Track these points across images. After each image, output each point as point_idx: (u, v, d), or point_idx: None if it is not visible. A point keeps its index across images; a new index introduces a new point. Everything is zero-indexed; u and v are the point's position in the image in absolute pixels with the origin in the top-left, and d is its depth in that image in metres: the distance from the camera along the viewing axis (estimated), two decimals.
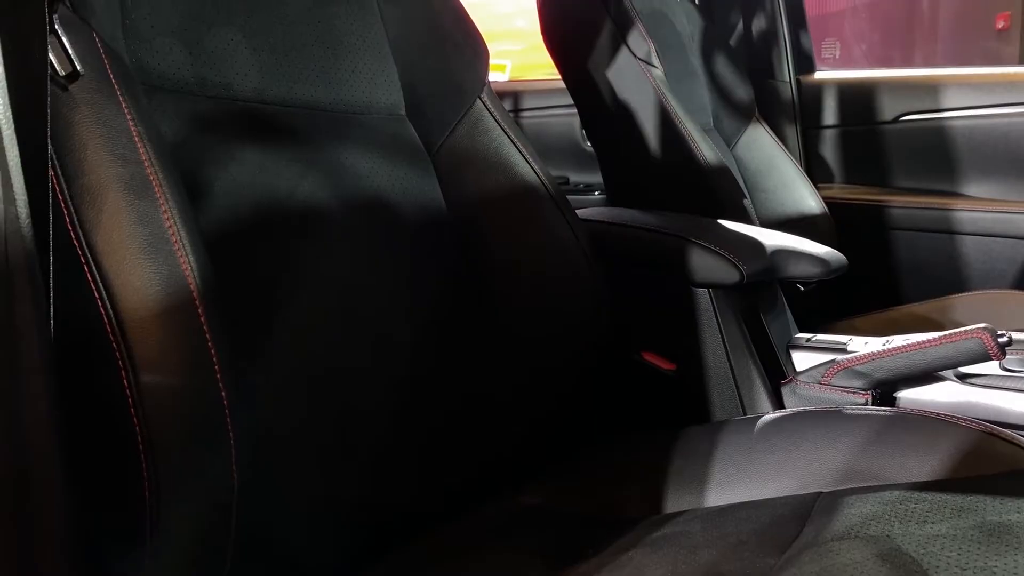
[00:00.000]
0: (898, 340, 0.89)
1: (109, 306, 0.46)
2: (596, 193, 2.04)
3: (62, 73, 0.50)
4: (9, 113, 0.38)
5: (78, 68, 0.50)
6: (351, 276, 0.77)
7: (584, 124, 1.59)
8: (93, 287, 0.46)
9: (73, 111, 0.50)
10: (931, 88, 1.64)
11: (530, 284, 0.88)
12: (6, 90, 0.38)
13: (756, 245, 0.90)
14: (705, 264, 0.88)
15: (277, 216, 0.71)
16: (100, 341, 0.45)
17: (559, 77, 1.39)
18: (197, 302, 0.48)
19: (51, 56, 0.49)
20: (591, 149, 2.03)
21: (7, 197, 0.36)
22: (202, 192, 0.66)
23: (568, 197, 0.91)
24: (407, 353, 0.79)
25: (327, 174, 0.77)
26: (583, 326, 0.88)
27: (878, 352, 0.81)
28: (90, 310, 0.46)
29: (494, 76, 2.10)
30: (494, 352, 0.85)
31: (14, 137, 0.38)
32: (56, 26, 0.49)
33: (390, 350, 0.77)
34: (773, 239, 0.94)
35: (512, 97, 2.23)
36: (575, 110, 1.44)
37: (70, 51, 0.50)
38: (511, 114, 2.20)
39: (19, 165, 0.38)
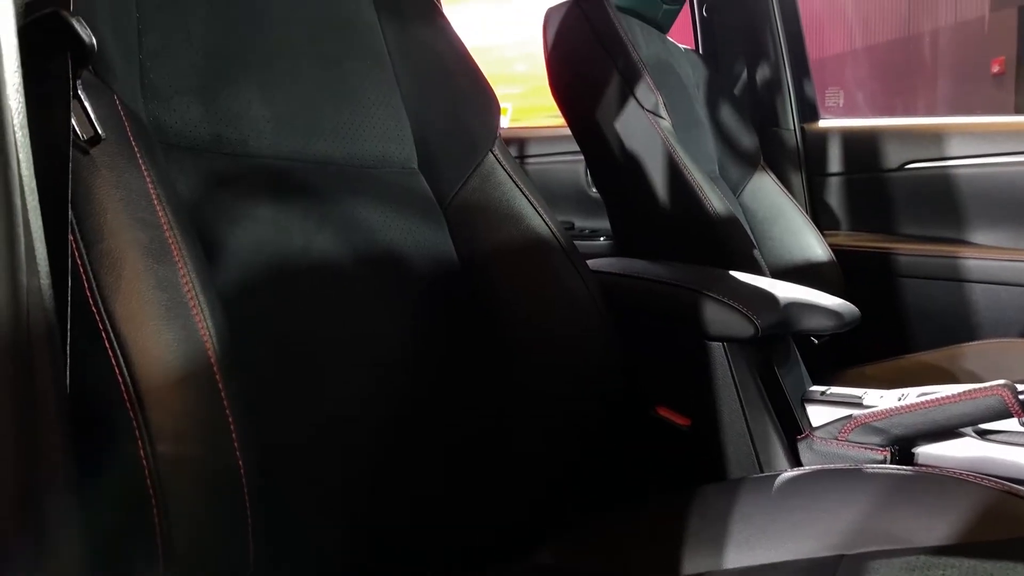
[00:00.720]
0: (913, 394, 0.88)
1: (127, 374, 0.45)
2: (602, 239, 2.04)
3: (84, 137, 0.50)
4: (33, 183, 0.38)
5: (99, 132, 0.50)
6: (364, 329, 0.76)
7: (591, 172, 1.60)
8: (111, 354, 0.45)
9: (94, 175, 0.50)
10: (936, 136, 1.65)
11: (542, 337, 0.88)
12: (31, 159, 0.38)
13: (770, 298, 0.90)
14: (719, 317, 0.87)
15: (292, 271, 0.71)
16: (117, 409, 0.45)
17: (561, 120, 1.40)
18: (215, 367, 0.48)
19: (73, 120, 0.49)
20: (596, 195, 2.04)
21: (30, 269, 0.36)
22: (218, 250, 0.66)
23: (574, 242, 0.91)
24: (418, 409, 0.78)
25: (341, 228, 0.77)
26: (596, 380, 0.87)
27: (895, 408, 0.80)
28: (107, 378, 0.45)
29: None
30: (506, 408, 0.85)
31: (38, 207, 0.38)
32: (79, 91, 0.49)
33: (402, 406, 0.77)
34: (786, 291, 0.94)
35: (518, 143, 2.25)
36: (580, 156, 1.45)
37: (92, 115, 0.50)
38: (517, 160, 2.22)
39: (42, 236, 0.38)
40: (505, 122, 2.77)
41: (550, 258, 0.88)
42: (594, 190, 2.05)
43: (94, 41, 0.47)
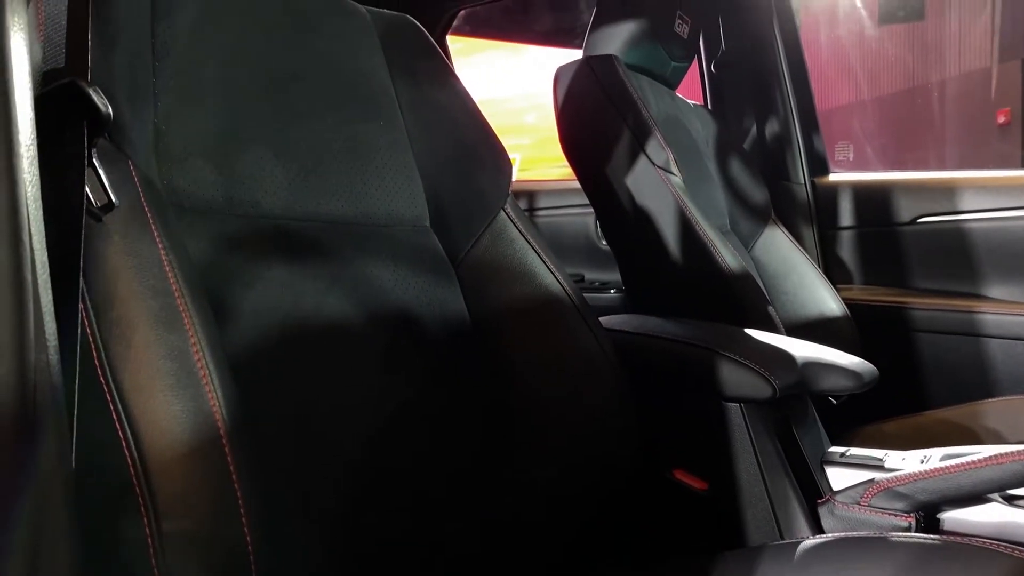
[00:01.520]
0: (936, 456, 0.86)
1: (134, 448, 0.44)
2: (612, 291, 2.03)
3: (97, 204, 0.49)
4: (44, 256, 0.37)
5: (113, 199, 0.49)
6: (373, 391, 0.75)
7: (601, 226, 1.60)
8: (119, 428, 0.44)
9: (106, 242, 0.49)
10: (948, 190, 1.65)
11: (555, 397, 0.86)
12: (43, 232, 0.38)
13: (787, 358, 0.88)
14: (736, 378, 0.86)
15: (302, 333, 0.71)
16: (123, 485, 0.43)
17: (570, 171, 1.41)
18: (224, 440, 0.46)
19: (87, 187, 0.49)
20: (606, 247, 2.04)
21: (38, 344, 0.35)
22: (229, 312, 0.65)
23: (584, 295, 0.90)
24: (429, 470, 0.77)
25: (352, 288, 0.77)
26: (611, 441, 0.86)
27: (919, 473, 0.78)
28: (114, 452, 0.44)
29: None
30: (518, 470, 0.83)
31: (48, 281, 0.37)
32: (94, 159, 0.48)
33: (412, 466, 0.75)
34: (803, 350, 0.92)
35: (527, 196, 2.26)
36: (590, 208, 1.45)
37: (106, 182, 0.50)
38: (527, 213, 2.23)
39: (52, 310, 0.37)
40: (514, 172, 2.79)
41: (563, 317, 0.87)
42: (604, 242, 2.05)
43: (110, 110, 0.47)
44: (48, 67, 0.49)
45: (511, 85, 3.72)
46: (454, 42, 2.26)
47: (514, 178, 0.94)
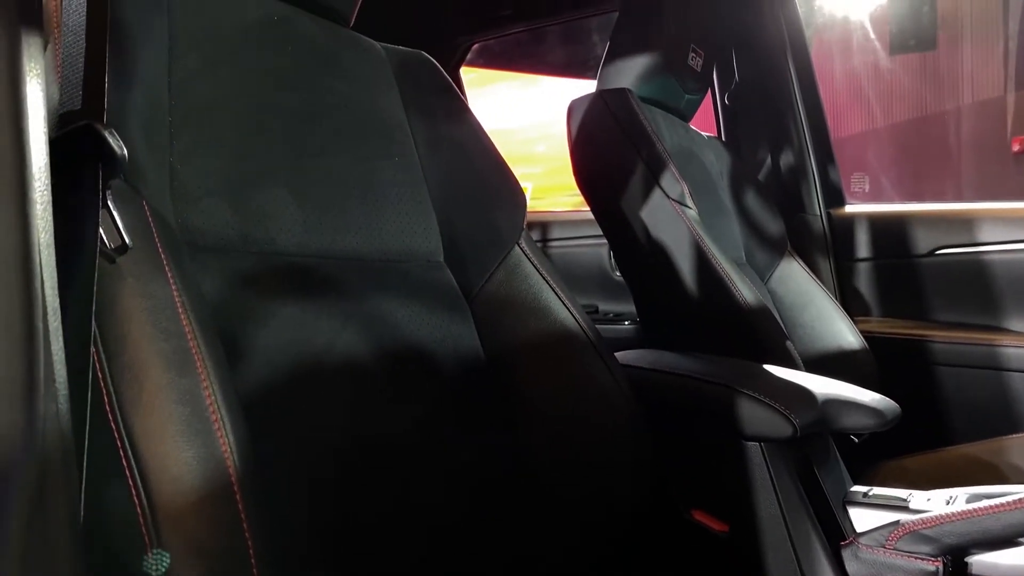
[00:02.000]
0: (963, 498, 0.83)
1: (143, 495, 0.43)
2: (627, 323, 2.02)
3: (111, 246, 0.49)
4: (56, 303, 0.37)
5: (127, 241, 0.49)
6: (386, 427, 0.75)
7: (616, 259, 1.59)
8: (128, 474, 0.43)
9: (119, 284, 0.49)
10: (967, 222, 1.63)
11: (570, 434, 0.85)
12: (55, 278, 0.37)
13: (808, 395, 0.87)
14: (755, 416, 0.84)
15: (316, 371, 0.70)
16: (132, 533, 0.43)
17: (581, 199, 1.41)
18: (235, 487, 0.46)
19: (101, 229, 0.48)
20: (620, 278, 2.03)
21: (48, 394, 0.35)
22: (243, 350, 0.65)
23: (598, 326, 0.89)
24: (443, 506, 0.76)
25: (366, 325, 0.76)
26: (628, 480, 0.84)
27: (946, 516, 0.76)
28: (123, 498, 0.43)
29: None
30: (532, 509, 0.81)
31: (60, 329, 0.36)
32: (108, 201, 0.48)
33: (426, 502, 0.74)
34: (824, 387, 0.91)
35: (541, 227, 2.26)
36: (604, 239, 1.44)
37: (120, 224, 0.49)
38: (540, 243, 2.23)
39: (63, 358, 0.36)
40: (526, 200, 2.81)
41: (578, 353, 0.87)
42: (618, 273, 2.04)
43: (125, 152, 0.47)
44: (65, 109, 0.49)
45: (523, 115, 3.77)
46: (467, 73, 2.28)
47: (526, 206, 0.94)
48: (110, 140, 0.46)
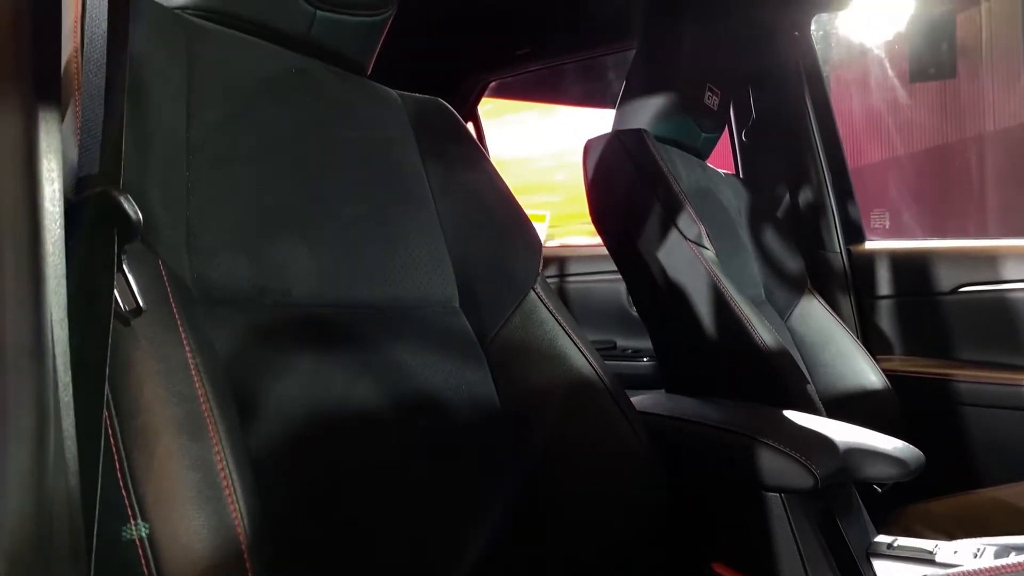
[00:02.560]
0: (991, 551, 0.81)
1: (153, 564, 0.43)
2: (645, 359, 2.01)
3: (125, 309, 0.49)
4: (68, 378, 0.37)
5: (141, 304, 0.49)
6: (402, 478, 0.74)
7: (633, 299, 1.59)
8: (138, 541, 0.43)
9: (133, 346, 0.49)
10: (990, 259, 1.61)
11: (586, 481, 0.84)
12: (68, 353, 0.37)
13: (829, 445, 0.85)
14: (775, 467, 0.83)
15: (329, 424, 0.70)
16: None
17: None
18: (245, 555, 0.45)
19: (116, 293, 0.49)
20: (637, 315, 2.02)
21: (57, 469, 0.35)
22: (257, 404, 0.64)
23: (616, 363, 0.88)
24: (460, 555, 0.75)
25: (381, 374, 0.76)
26: (646, 532, 0.83)
27: (974, 572, 0.74)
28: (134, 564, 0.43)
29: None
30: (547, 556, 0.80)
31: (71, 404, 0.36)
32: (123, 264, 0.49)
33: (443, 552, 0.73)
34: (846, 436, 0.89)
35: (558, 262, 2.25)
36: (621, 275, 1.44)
37: (134, 287, 0.50)
38: (557, 279, 2.23)
39: (73, 433, 0.36)
40: (544, 228, 2.84)
41: (595, 400, 0.86)
42: (635, 310, 2.03)
43: (141, 217, 0.47)
44: (83, 173, 0.50)
45: (541, 144, 3.80)
46: (485, 104, 2.29)
47: (544, 233, 0.94)
48: (126, 207, 0.46)
